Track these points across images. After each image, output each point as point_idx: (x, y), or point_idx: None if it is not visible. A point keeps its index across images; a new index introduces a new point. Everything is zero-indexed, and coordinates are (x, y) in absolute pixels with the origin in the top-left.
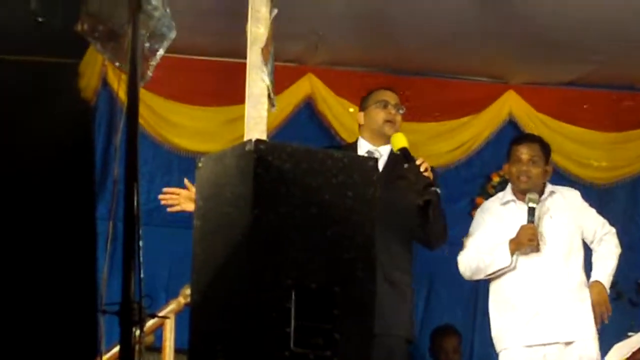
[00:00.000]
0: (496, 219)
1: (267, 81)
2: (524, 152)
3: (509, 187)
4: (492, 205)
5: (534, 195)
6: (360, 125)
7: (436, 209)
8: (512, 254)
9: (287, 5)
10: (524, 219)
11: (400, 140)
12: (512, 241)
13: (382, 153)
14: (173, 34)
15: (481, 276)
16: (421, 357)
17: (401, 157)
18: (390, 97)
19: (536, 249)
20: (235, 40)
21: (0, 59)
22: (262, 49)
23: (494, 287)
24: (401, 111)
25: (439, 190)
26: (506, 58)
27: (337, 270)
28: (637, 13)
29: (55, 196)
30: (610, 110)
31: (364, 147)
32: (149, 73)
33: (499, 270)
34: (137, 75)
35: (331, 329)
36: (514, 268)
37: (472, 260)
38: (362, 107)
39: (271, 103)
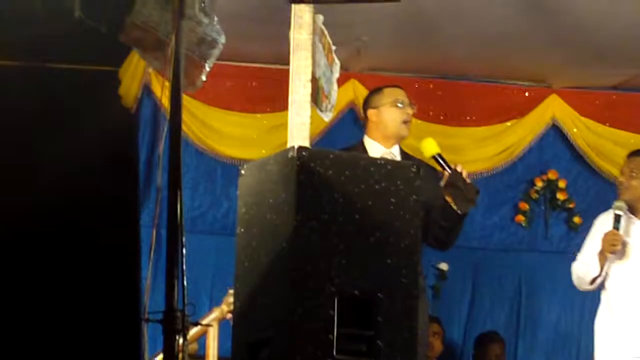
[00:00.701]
0: (606, 231)
1: (335, 88)
2: (626, 164)
3: None
4: (605, 218)
5: (621, 203)
6: (370, 123)
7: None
8: (601, 262)
9: (330, 12)
10: (635, 232)
11: (432, 146)
12: (599, 251)
13: (395, 154)
14: (223, 39)
15: (585, 286)
16: None
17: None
18: (404, 96)
19: (621, 254)
20: (279, 47)
21: (47, 67)
22: (328, 56)
23: (602, 297)
24: (414, 110)
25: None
26: (550, 62)
27: (380, 277)
28: None
29: (99, 204)
30: None
31: (375, 149)
32: (203, 78)
33: (593, 279)
34: (180, 82)
35: (374, 336)
36: (608, 277)
37: (576, 270)
38: (373, 105)
39: (322, 109)
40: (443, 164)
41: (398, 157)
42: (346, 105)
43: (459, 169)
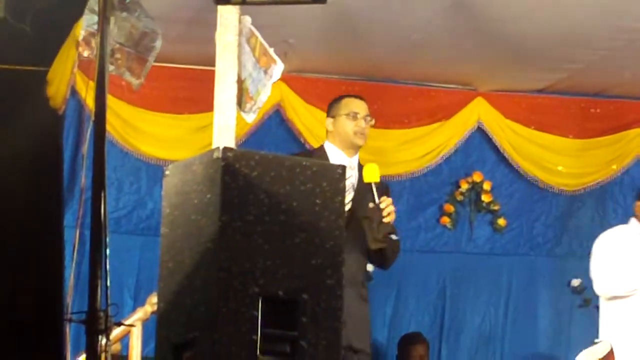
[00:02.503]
0: (630, 246)
1: (267, 90)
2: None
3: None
4: (625, 233)
5: None
6: (328, 131)
7: (392, 253)
8: None
9: (256, 13)
10: None
11: (372, 174)
12: None
13: (354, 166)
14: (159, 29)
15: (618, 293)
16: None
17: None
18: (361, 107)
19: None
20: (205, 48)
21: None
22: (261, 58)
23: (614, 308)
24: (371, 122)
25: (397, 238)
26: (475, 65)
27: (305, 278)
28: (605, 21)
29: (23, 204)
30: (579, 117)
31: (336, 156)
32: (146, 71)
33: (632, 291)
34: (105, 82)
35: (298, 337)
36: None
37: (614, 276)
38: (331, 113)
39: (246, 110)
40: (374, 194)
41: (355, 170)
42: (272, 107)
43: (383, 204)
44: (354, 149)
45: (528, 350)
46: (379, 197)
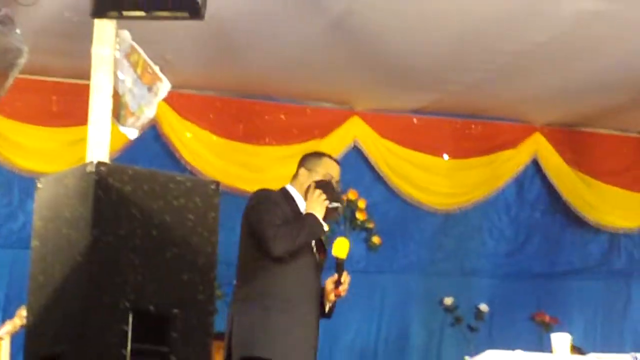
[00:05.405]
0: None
1: (152, 107)
2: None
3: None
4: None
5: None
6: (299, 178)
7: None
8: None
9: (132, 29)
10: None
11: (342, 249)
12: None
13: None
14: (26, 49)
15: None
16: None
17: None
18: (337, 173)
19: None
20: (82, 62)
21: None
22: (144, 75)
23: None
24: (338, 188)
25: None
26: (352, 84)
27: (176, 293)
28: (481, 44)
29: None
30: (454, 137)
31: (299, 200)
32: (6, 87)
33: None
34: None
35: (168, 352)
36: None
37: None
38: (308, 166)
39: (127, 125)
40: (339, 269)
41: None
42: (147, 123)
43: (343, 279)
44: None
45: None
46: (340, 273)
